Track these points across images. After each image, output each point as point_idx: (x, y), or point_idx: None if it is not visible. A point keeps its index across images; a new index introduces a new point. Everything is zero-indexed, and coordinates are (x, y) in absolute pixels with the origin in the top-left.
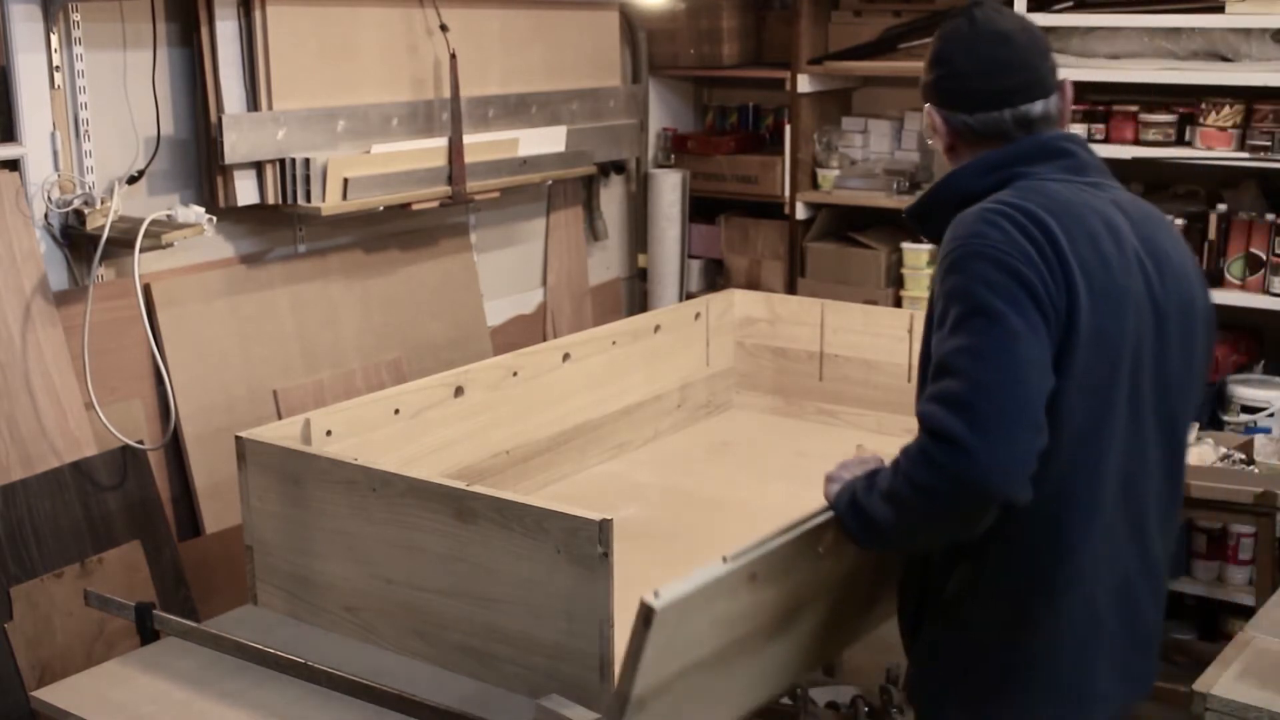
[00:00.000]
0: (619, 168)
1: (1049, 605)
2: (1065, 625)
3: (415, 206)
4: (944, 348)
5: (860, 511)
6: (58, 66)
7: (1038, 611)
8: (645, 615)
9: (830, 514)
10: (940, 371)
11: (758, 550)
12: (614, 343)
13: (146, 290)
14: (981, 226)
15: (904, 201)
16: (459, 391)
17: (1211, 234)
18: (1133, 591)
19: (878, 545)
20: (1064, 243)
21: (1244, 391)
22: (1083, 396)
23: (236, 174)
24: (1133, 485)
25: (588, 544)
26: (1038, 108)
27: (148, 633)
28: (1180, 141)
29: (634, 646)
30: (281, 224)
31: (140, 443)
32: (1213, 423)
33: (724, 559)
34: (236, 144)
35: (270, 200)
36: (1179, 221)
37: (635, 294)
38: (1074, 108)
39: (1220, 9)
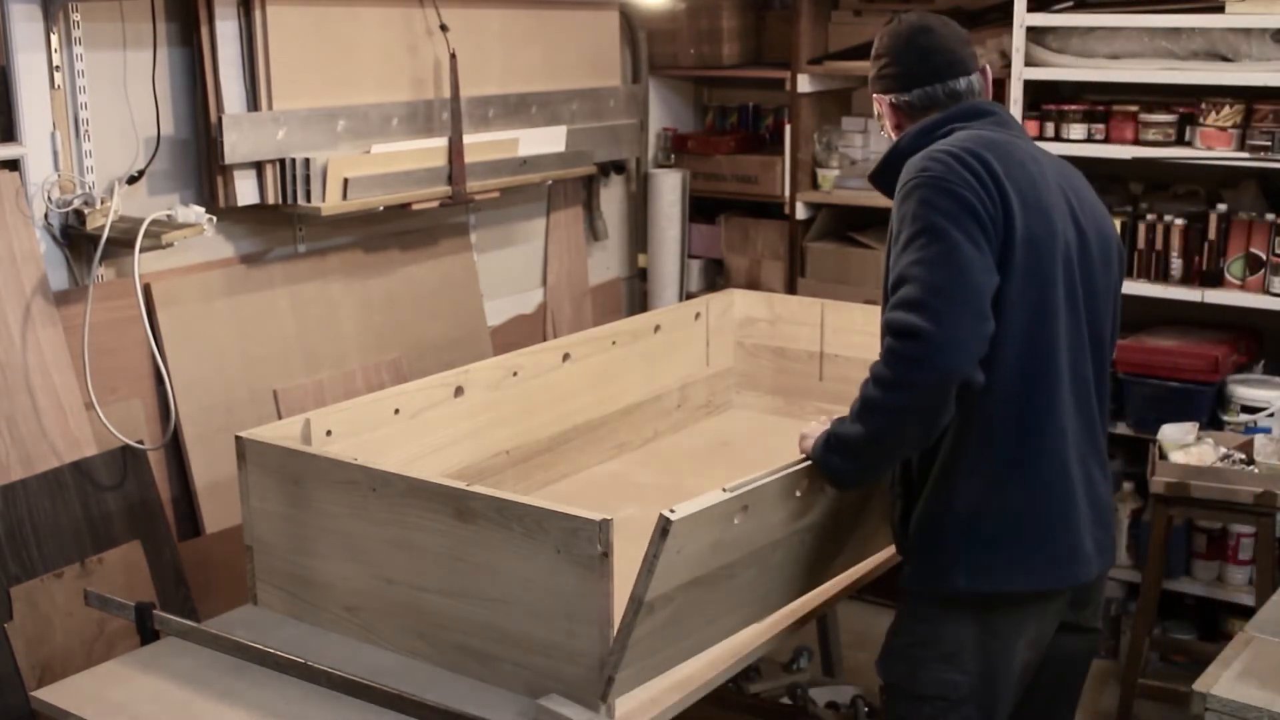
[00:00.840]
0: (619, 168)
1: (1028, 470)
2: (1046, 488)
3: (415, 206)
4: (900, 263)
5: (836, 442)
6: (58, 66)
7: (1019, 476)
8: (664, 527)
9: (807, 463)
10: (899, 283)
11: (750, 484)
12: (614, 343)
13: (146, 290)
14: (926, 162)
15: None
16: (459, 391)
17: (1211, 234)
18: (1088, 468)
19: (855, 472)
20: (998, 168)
21: (1244, 391)
22: (1026, 290)
23: (236, 174)
24: (1076, 369)
25: (588, 544)
26: (962, 83)
27: (148, 633)
28: (1180, 141)
29: (650, 555)
30: (281, 224)
31: (140, 443)
32: (1213, 423)
33: (724, 489)
34: (236, 144)
35: (270, 200)
36: (1178, 222)
37: (635, 294)
38: (1074, 107)
39: (1220, 9)
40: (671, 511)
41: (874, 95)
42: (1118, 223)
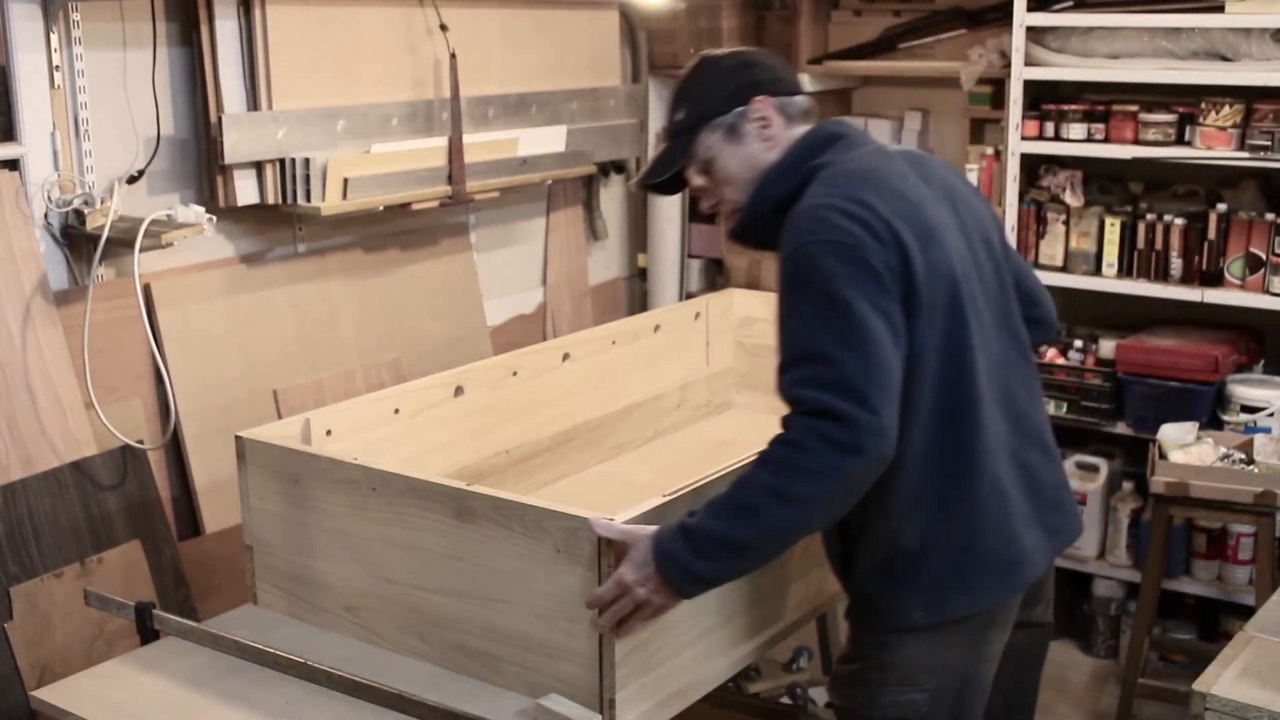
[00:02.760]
0: (619, 167)
1: (965, 500)
2: (983, 509)
3: (415, 206)
4: (806, 337)
5: (705, 542)
6: (58, 66)
7: (957, 507)
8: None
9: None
10: (807, 359)
11: (689, 487)
12: (614, 342)
13: (146, 290)
14: (812, 224)
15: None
16: (459, 391)
17: (1211, 234)
18: (1023, 461)
19: (729, 573)
20: (881, 208)
21: (1244, 391)
22: (939, 323)
23: (236, 174)
24: (997, 376)
25: (588, 544)
26: (800, 101)
27: (148, 632)
28: (1180, 141)
29: (607, 565)
30: (281, 224)
31: (140, 442)
32: (1213, 423)
33: (663, 495)
34: (236, 144)
35: (270, 200)
36: (1178, 221)
37: (635, 294)
38: (1074, 107)
39: (1220, 9)
40: (610, 519)
41: (692, 156)
42: (1117, 223)
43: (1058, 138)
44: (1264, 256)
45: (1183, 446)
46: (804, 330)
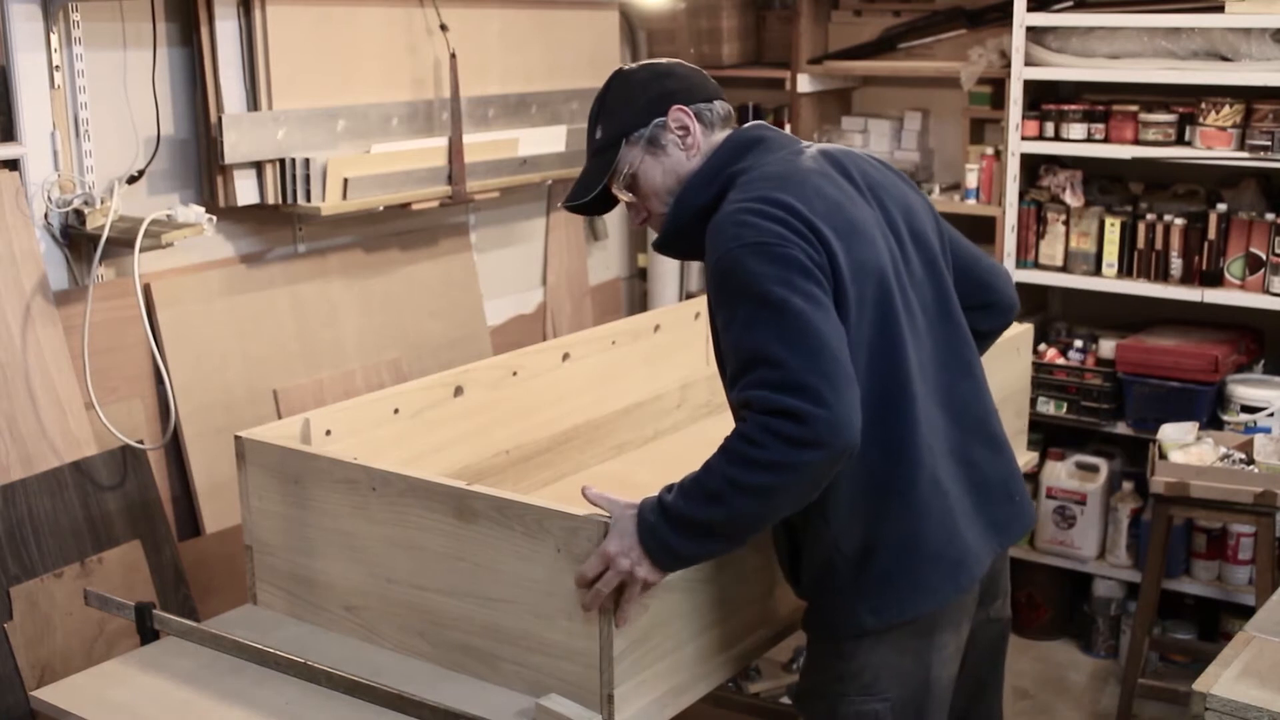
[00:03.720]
0: None
1: (904, 500)
2: (923, 510)
3: (415, 206)
4: (748, 342)
5: (679, 521)
6: (58, 66)
7: (897, 508)
8: (604, 530)
9: None
10: (753, 364)
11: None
12: (614, 343)
13: (146, 290)
14: (734, 229)
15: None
16: (459, 391)
17: (1211, 234)
18: (965, 456)
19: (699, 554)
20: (801, 208)
21: (1244, 391)
22: (868, 321)
23: (236, 174)
24: (933, 371)
25: (588, 544)
26: (718, 107)
27: (148, 632)
28: (1180, 141)
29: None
30: (281, 224)
31: (140, 443)
32: (1213, 423)
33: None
34: (236, 144)
35: (270, 200)
36: (1178, 221)
37: (635, 294)
38: (1074, 107)
39: (1220, 9)
40: (607, 515)
41: (623, 175)
42: (1117, 223)
43: (1058, 138)
44: (1264, 256)
45: (1183, 446)
46: (743, 336)
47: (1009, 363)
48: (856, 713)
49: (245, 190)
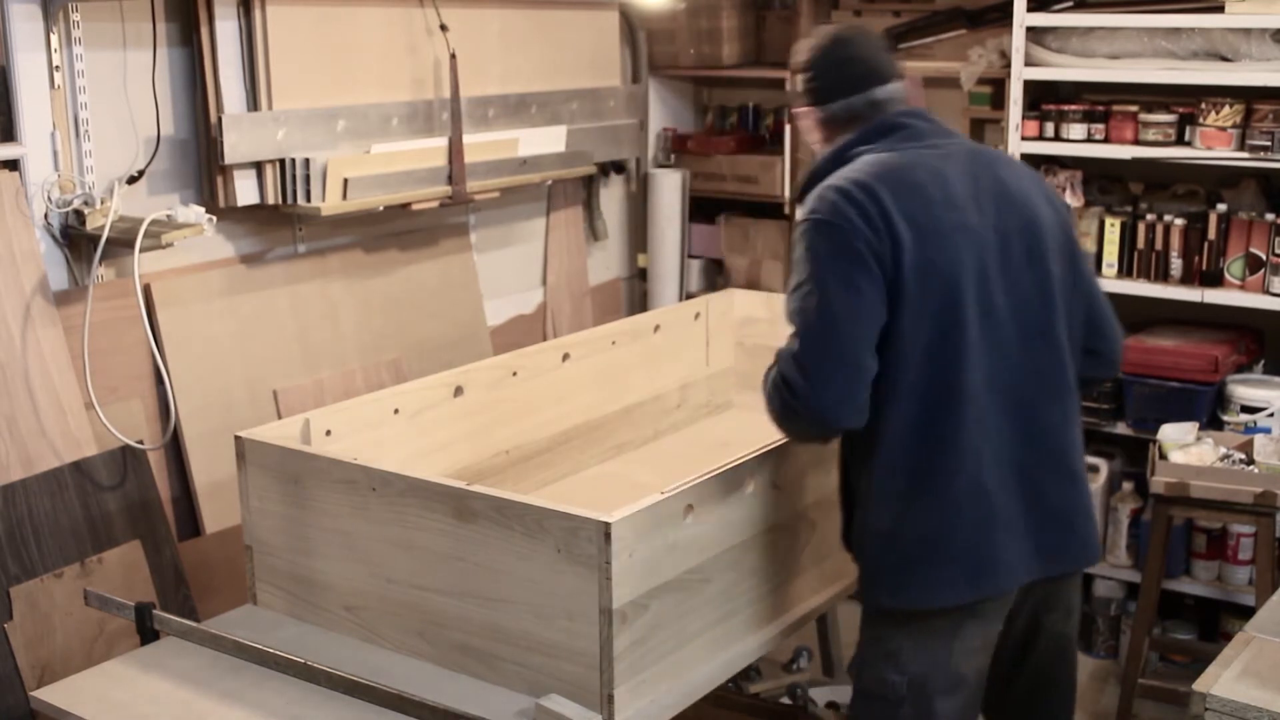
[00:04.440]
0: (619, 168)
1: (936, 492)
2: (954, 509)
3: (415, 206)
4: (787, 308)
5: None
6: (58, 66)
7: (927, 499)
8: (605, 531)
9: (755, 456)
10: (789, 327)
11: (688, 484)
12: (614, 343)
13: (146, 290)
14: (818, 202)
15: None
16: (459, 391)
17: (1211, 234)
18: (1030, 476)
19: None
20: (885, 199)
21: (1244, 391)
22: (924, 317)
23: (236, 174)
24: (1009, 385)
25: (587, 544)
26: (881, 92)
27: (148, 633)
28: (1180, 141)
29: (602, 562)
30: (281, 224)
31: (140, 443)
32: (1213, 423)
33: (661, 491)
34: (236, 144)
35: (270, 200)
36: (1178, 222)
37: (635, 294)
38: (1074, 107)
39: (1220, 9)
40: (610, 515)
41: (796, 112)
42: (1117, 223)
43: (1058, 138)
44: (1264, 256)
45: (1183, 447)
46: (789, 299)
47: None
48: (877, 679)
49: (245, 190)
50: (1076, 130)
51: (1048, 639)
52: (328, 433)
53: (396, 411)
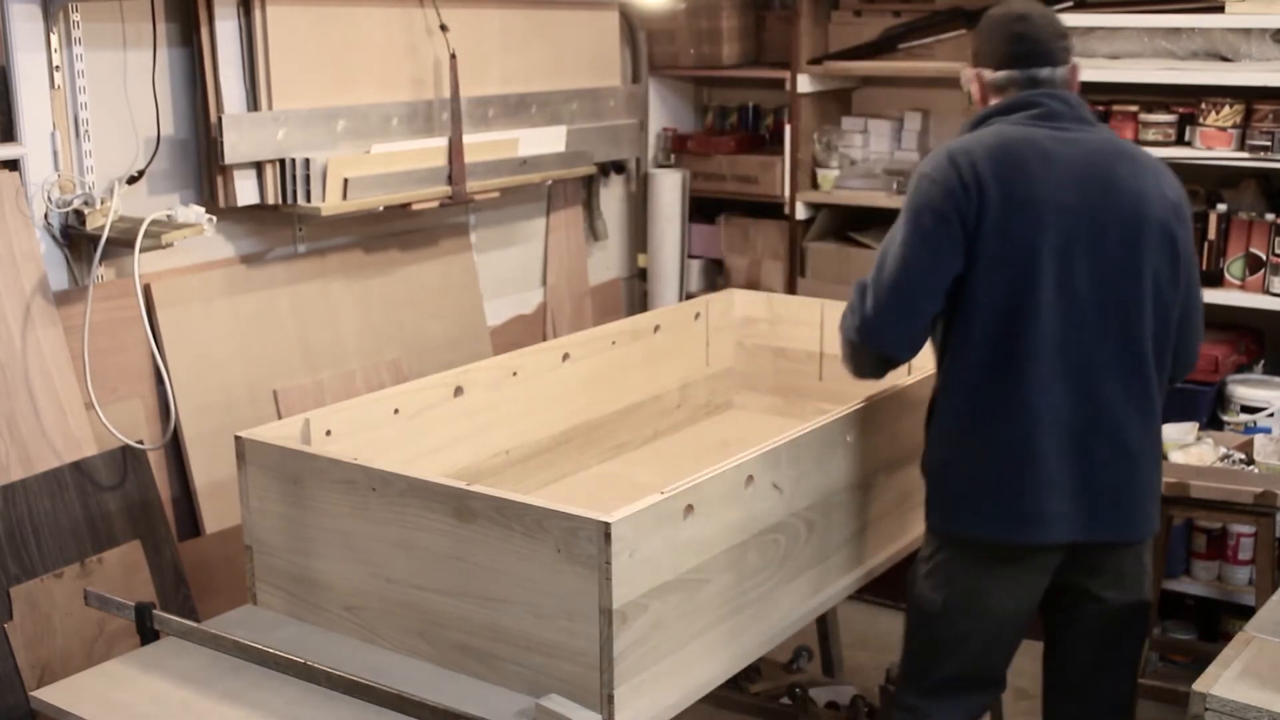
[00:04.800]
0: (619, 168)
1: (987, 439)
2: (1001, 456)
3: (415, 206)
4: (883, 240)
5: None
6: (58, 66)
7: (979, 442)
8: (605, 531)
9: (745, 460)
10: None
11: (688, 484)
12: (614, 343)
13: (146, 290)
14: (929, 161)
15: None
16: (459, 391)
17: (1211, 234)
18: (1085, 445)
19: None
20: (983, 168)
21: (1244, 391)
22: (998, 273)
23: (236, 174)
24: (1072, 354)
25: (588, 544)
26: (1044, 72)
27: (148, 633)
28: (1180, 141)
29: (602, 561)
30: (281, 224)
31: (140, 443)
32: (1213, 423)
33: (661, 492)
34: (236, 144)
35: (270, 200)
36: None
37: (635, 294)
38: None
39: (1220, 9)
40: (610, 515)
41: (967, 71)
42: None
43: None
44: (1264, 256)
45: (1183, 447)
46: (887, 234)
47: None
48: (921, 594)
49: (245, 190)
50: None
51: (1096, 606)
52: (328, 433)
53: (396, 412)
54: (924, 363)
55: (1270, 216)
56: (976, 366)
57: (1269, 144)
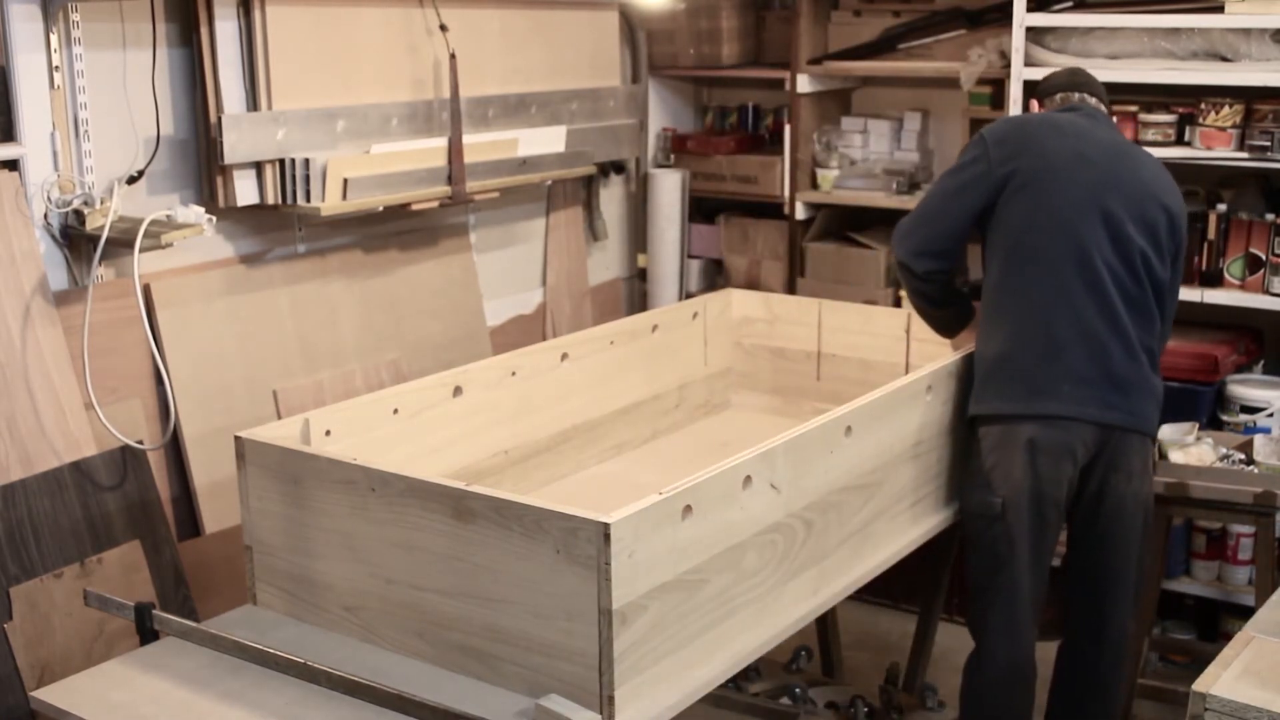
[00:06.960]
0: (619, 168)
1: (1009, 326)
2: (1020, 339)
3: (415, 206)
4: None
5: None
6: (58, 66)
7: (1003, 329)
8: (604, 532)
9: (742, 461)
10: None
11: (686, 484)
12: (613, 343)
13: (146, 290)
14: (989, 126)
15: (904, 201)
16: (458, 391)
17: (1211, 234)
18: (1102, 345)
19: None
20: (1013, 140)
21: (1244, 391)
22: (1017, 204)
23: (236, 174)
24: (1090, 269)
25: (587, 544)
26: (1089, 99)
27: (147, 633)
28: (1180, 141)
29: (601, 562)
30: (281, 224)
31: (140, 443)
32: (1213, 423)
33: (659, 492)
34: (236, 144)
35: (270, 200)
36: None
37: (635, 294)
38: None
39: (1220, 9)
40: (610, 516)
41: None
42: None
43: None
44: (1264, 256)
45: (1182, 447)
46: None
47: None
48: (980, 500)
49: (245, 190)
50: None
51: (1113, 499)
52: (327, 433)
53: (396, 411)
54: (920, 361)
55: (1270, 216)
56: (1002, 272)
57: (1269, 144)
